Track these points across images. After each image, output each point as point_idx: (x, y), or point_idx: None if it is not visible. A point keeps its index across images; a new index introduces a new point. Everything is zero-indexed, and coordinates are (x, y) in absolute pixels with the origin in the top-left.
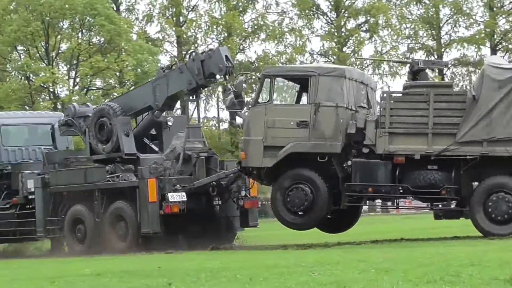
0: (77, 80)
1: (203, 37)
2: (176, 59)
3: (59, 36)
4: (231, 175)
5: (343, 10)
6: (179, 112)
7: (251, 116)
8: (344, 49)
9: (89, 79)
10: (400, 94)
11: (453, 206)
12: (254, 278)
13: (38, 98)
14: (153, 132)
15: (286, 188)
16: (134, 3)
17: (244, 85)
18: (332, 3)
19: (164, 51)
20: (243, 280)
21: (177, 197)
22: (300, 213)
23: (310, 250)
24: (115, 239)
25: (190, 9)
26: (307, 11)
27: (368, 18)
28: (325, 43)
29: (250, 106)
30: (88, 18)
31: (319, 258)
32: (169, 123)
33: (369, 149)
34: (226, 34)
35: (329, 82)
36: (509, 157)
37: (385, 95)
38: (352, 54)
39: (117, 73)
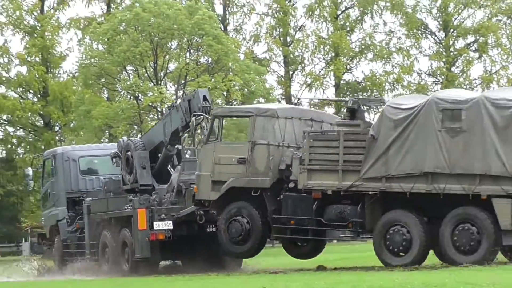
0: None
1: (310, 56)
2: (175, 98)
3: (167, 56)
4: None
5: (451, 30)
6: None
7: (202, 153)
8: (453, 68)
9: None
10: (318, 133)
11: None
12: None
13: (146, 117)
14: None
15: (227, 220)
16: (241, 24)
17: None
18: (441, 22)
19: (271, 70)
20: None
21: (162, 225)
22: (240, 242)
23: (417, 272)
24: (123, 262)
25: (297, 29)
26: (415, 31)
27: (478, 37)
28: (433, 63)
29: (202, 144)
30: (196, 38)
31: (426, 280)
32: (187, 155)
33: (294, 184)
34: (333, 54)
35: (263, 122)
36: (404, 193)
37: (305, 133)
38: (460, 74)
39: (224, 93)
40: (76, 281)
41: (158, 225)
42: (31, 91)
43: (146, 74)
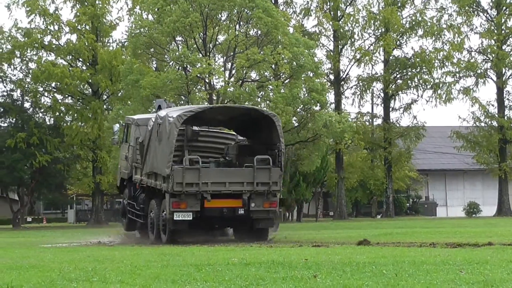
0: (233, 71)
1: (360, 31)
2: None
3: (216, 28)
4: None
5: (504, 8)
6: None
7: (120, 151)
8: (504, 47)
9: (244, 71)
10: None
11: None
12: (400, 274)
13: (194, 88)
14: None
15: (118, 202)
16: None
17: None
18: (493, 0)
19: (321, 45)
20: (389, 275)
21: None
22: (123, 217)
23: (459, 249)
24: None
25: (348, 4)
26: (466, 8)
27: None
28: (484, 41)
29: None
30: (246, 10)
31: (468, 257)
32: None
33: None
34: (383, 29)
35: (133, 128)
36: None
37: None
38: (511, 52)
39: (273, 66)
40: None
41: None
42: (80, 59)
43: (195, 45)
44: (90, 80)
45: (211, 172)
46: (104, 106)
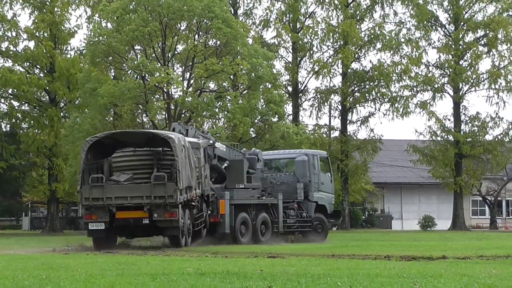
0: (191, 81)
1: (319, 44)
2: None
3: (176, 37)
4: None
5: (462, 23)
6: None
7: None
8: (461, 62)
9: (203, 81)
10: None
11: None
12: (354, 286)
13: (152, 97)
14: None
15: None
16: (251, 8)
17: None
18: (451, 15)
19: (279, 56)
20: (343, 287)
21: None
22: None
23: (414, 262)
24: None
25: (307, 16)
26: (425, 23)
27: (487, 31)
28: (442, 55)
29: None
30: (205, 20)
31: (422, 270)
32: (225, 165)
33: None
34: (342, 42)
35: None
36: None
37: None
38: (468, 67)
39: (231, 77)
40: None
41: None
42: (37, 66)
43: (153, 55)
44: (47, 88)
45: (114, 188)
46: (61, 114)
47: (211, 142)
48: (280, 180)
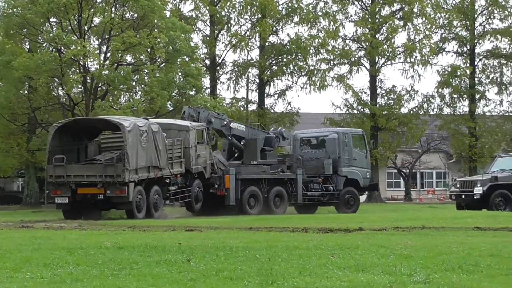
0: (108, 54)
1: (237, 17)
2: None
3: (92, 10)
4: None
5: None
6: None
7: None
8: (377, 35)
9: (120, 54)
10: None
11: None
12: (273, 258)
13: (68, 71)
14: None
15: None
16: None
17: None
18: None
19: (197, 29)
20: (262, 259)
21: None
22: None
23: (331, 234)
24: None
25: None
26: None
27: (403, 5)
28: (359, 29)
29: None
30: None
31: (339, 242)
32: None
33: None
34: (259, 15)
35: None
36: None
37: None
38: (384, 41)
39: (148, 50)
40: None
41: None
42: None
43: (69, 27)
44: None
45: (74, 167)
46: None
47: (225, 122)
48: (312, 156)
